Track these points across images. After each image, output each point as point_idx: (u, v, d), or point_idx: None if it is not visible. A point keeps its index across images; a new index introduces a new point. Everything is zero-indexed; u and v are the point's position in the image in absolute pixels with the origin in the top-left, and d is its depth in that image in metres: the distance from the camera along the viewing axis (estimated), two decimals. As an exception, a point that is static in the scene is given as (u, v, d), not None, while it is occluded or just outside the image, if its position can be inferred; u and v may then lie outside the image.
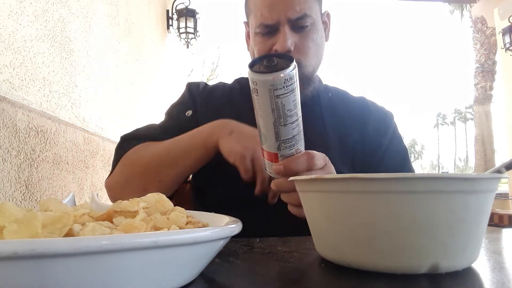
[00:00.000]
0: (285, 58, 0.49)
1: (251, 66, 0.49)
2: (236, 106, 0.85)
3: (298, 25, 0.76)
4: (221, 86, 0.91)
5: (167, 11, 3.10)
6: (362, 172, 0.80)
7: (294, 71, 0.48)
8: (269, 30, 0.76)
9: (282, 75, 0.46)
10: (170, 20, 3.09)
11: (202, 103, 0.86)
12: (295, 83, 0.48)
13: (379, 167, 0.83)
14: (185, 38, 3.17)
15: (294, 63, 0.48)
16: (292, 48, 0.76)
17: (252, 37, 0.84)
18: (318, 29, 0.80)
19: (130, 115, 2.03)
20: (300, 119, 0.52)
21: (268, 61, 0.49)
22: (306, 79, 0.81)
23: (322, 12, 0.86)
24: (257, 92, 0.48)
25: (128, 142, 0.80)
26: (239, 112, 0.83)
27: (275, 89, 0.46)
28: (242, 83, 0.93)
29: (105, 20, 1.71)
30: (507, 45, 4.04)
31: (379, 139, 0.85)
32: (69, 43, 1.35)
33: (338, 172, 0.76)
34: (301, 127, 0.52)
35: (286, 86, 0.47)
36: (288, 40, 0.74)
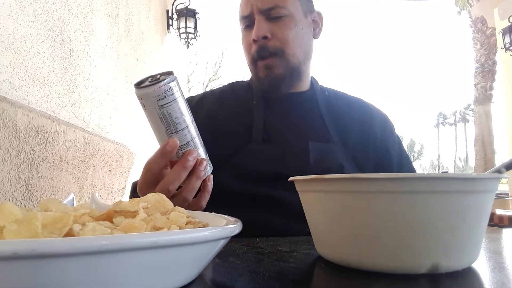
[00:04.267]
0: (167, 74, 0.54)
1: (137, 84, 0.54)
2: (228, 106, 0.86)
3: (272, 16, 0.79)
4: (209, 93, 0.93)
5: (167, 11, 3.09)
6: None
7: (173, 83, 0.53)
8: (248, 23, 0.81)
9: (161, 86, 0.52)
10: (170, 20, 3.09)
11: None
12: (177, 93, 0.53)
13: (401, 172, 0.85)
14: (185, 38, 3.17)
15: (173, 76, 0.54)
16: (269, 35, 0.79)
17: (241, 38, 0.87)
18: (297, 21, 0.81)
19: (130, 115, 2.03)
20: (191, 126, 0.56)
21: (152, 78, 0.54)
22: (293, 71, 0.82)
23: (314, 11, 0.87)
24: (144, 106, 0.54)
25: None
26: (230, 111, 0.84)
27: (157, 100, 0.52)
28: (234, 85, 0.94)
29: (105, 20, 1.71)
30: (507, 45, 4.04)
31: (386, 142, 0.86)
32: (69, 43, 1.35)
33: (339, 165, 0.77)
34: (195, 134, 0.57)
35: (168, 96, 0.52)
36: (261, 27, 0.78)
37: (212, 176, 0.61)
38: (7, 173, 0.95)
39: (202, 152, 0.58)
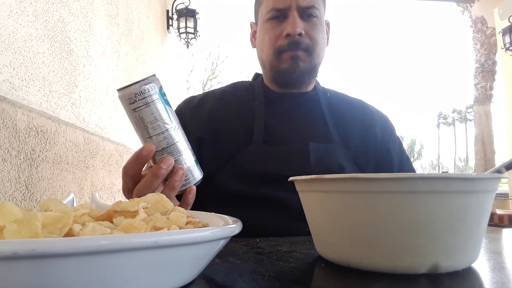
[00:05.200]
0: (148, 77, 0.53)
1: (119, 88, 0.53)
2: (229, 107, 0.86)
3: (306, 13, 0.80)
4: (210, 94, 0.93)
5: (167, 11, 3.09)
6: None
7: (147, 86, 0.51)
8: (279, 15, 0.81)
9: (131, 90, 0.51)
10: (170, 20, 3.09)
11: (192, 116, 0.86)
12: (151, 97, 0.51)
13: (402, 172, 0.85)
14: (185, 38, 3.17)
15: (149, 79, 0.52)
16: (303, 33, 0.80)
17: (261, 28, 0.86)
18: (322, 25, 0.84)
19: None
20: (172, 131, 0.53)
21: (134, 82, 0.52)
22: (312, 70, 0.84)
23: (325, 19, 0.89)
24: (124, 109, 0.53)
25: None
26: (231, 112, 0.84)
27: (129, 103, 0.51)
28: (236, 85, 0.95)
29: (105, 20, 1.71)
30: (507, 45, 4.04)
31: (387, 144, 0.87)
32: (69, 43, 1.35)
33: (339, 166, 0.77)
34: (176, 140, 0.54)
35: (139, 100, 0.51)
36: (297, 23, 0.79)
37: (194, 188, 0.57)
38: (7, 173, 0.95)
39: (184, 160, 0.55)
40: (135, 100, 0.51)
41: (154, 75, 0.54)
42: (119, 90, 0.52)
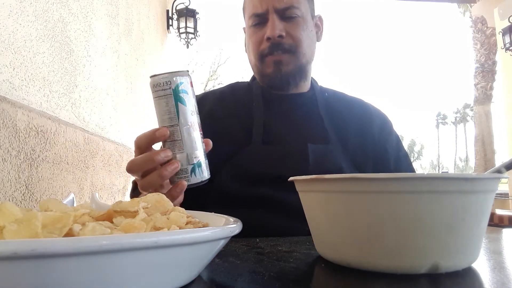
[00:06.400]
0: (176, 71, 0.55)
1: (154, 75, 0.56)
2: (228, 106, 0.87)
3: (286, 15, 0.81)
4: (210, 94, 0.93)
5: (167, 11, 3.10)
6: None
7: (164, 80, 0.54)
8: (260, 20, 0.82)
9: (153, 80, 0.54)
10: (170, 20, 3.09)
11: None
12: (164, 91, 0.54)
13: (398, 170, 0.85)
14: (185, 38, 3.17)
15: (169, 75, 0.54)
16: (284, 34, 0.80)
17: (247, 34, 0.87)
18: (307, 23, 0.84)
19: (130, 115, 2.03)
20: (175, 128, 0.54)
21: (160, 74, 0.55)
22: (300, 70, 0.84)
23: (315, 15, 0.89)
24: None
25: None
26: (230, 111, 0.85)
27: (152, 92, 0.55)
28: (234, 86, 0.95)
29: (105, 20, 1.71)
30: (507, 45, 4.04)
31: (384, 142, 0.87)
32: (69, 43, 1.35)
33: (338, 166, 0.77)
34: (176, 137, 0.55)
35: (155, 91, 0.54)
36: (276, 26, 0.79)
37: (184, 184, 0.56)
38: (7, 173, 0.95)
39: (184, 158, 0.55)
40: (154, 90, 0.55)
41: (185, 70, 0.56)
42: (150, 76, 0.55)
